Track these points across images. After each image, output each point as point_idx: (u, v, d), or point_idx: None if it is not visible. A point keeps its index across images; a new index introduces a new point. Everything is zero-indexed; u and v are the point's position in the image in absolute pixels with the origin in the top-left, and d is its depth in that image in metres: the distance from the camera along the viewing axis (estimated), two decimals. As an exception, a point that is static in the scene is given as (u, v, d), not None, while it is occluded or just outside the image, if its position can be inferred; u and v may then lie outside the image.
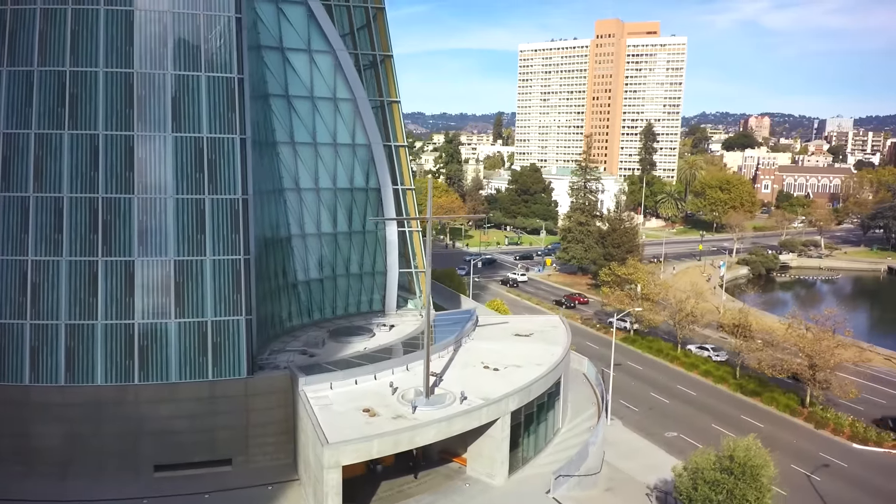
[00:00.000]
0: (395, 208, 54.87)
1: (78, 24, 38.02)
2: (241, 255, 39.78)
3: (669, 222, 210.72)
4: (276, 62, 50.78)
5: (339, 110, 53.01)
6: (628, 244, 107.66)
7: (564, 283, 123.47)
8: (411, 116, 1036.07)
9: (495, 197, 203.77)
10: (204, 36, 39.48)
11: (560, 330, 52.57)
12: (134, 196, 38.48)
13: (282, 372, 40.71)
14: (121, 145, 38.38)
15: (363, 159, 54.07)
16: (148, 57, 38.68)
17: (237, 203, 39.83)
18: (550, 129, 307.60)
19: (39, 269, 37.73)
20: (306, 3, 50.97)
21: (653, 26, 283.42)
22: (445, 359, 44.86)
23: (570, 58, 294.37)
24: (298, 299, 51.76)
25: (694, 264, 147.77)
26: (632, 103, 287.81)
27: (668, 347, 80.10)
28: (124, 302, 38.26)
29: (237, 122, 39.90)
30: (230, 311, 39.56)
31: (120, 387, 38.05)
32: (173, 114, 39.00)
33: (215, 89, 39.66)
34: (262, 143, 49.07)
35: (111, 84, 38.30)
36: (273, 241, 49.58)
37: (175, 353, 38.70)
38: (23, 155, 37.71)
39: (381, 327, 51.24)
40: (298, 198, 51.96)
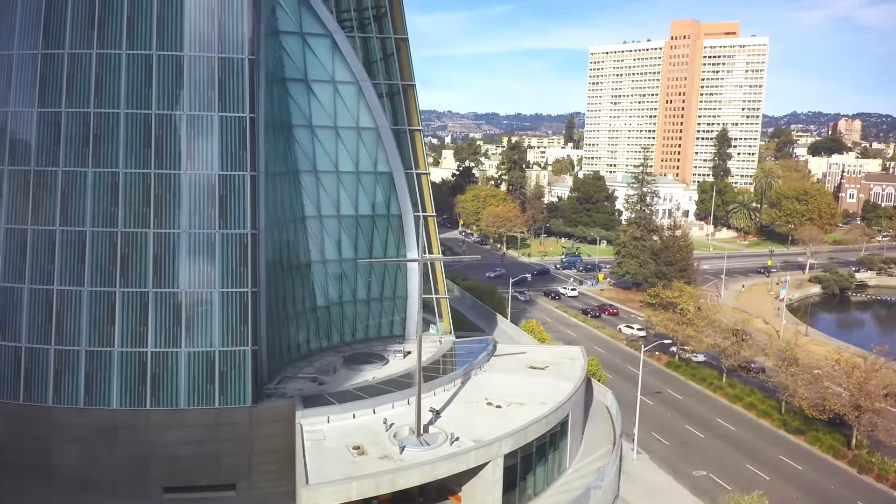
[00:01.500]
0: (415, 234, 55.31)
1: (102, 67, 40.44)
2: (249, 287, 41.25)
3: (742, 233, 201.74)
4: (301, 93, 52.22)
5: (362, 139, 53.96)
6: (682, 262, 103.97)
7: (616, 298, 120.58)
8: (485, 117, 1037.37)
9: (556, 205, 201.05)
10: (218, 77, 41.15)
11: (577, 364, 51.60)
12: (150, 231, 40.61)
13: (286, 401, 41.95)
14: (139, 183, 40.59)
15: (385, 186, 54.85)
16: (165, 98, 40.70)
17: (246, 238, 41.33)
18: (620, 133, 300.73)
19: (63, 298, 40.44)
20: (331, 36, 52.15)
21: (731, 26, 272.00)
22: (450, 392, 44.94)
23: (642, 60, 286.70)
24: (317, 324, 53.09)
25: (761, 281, 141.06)
26: (707, 107, 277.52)
27: (712, 376, 76.94)
28: (138, 331, 40.47)
29: (248, 159, 41.38)
30: (237, 341, 41.11)
31: (133, 411, 40.29)
32: (187, 152, 40.88)
33: (228, 128, 41.28)
34: (284, 172, 50.68)
35: (131, 124, 40.55)
36: (293, 267, 51.10)
37: (184, 380, 40.62)
38: (51, 191, 40.52)
39: (396, 354, 51.86)
40: (320, 224, 53.31)
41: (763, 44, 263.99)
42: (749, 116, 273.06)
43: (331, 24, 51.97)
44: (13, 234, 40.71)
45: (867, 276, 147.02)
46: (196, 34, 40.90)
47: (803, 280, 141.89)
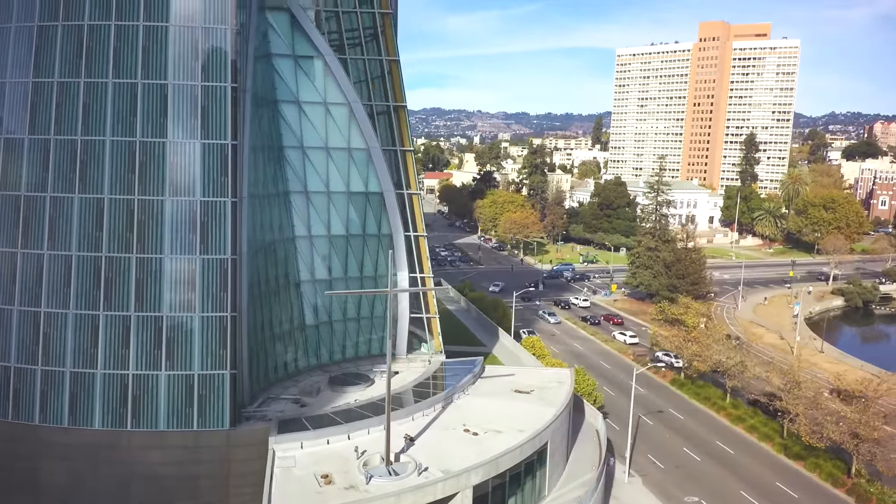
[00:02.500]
0: (406, 254, 55.59)
1: (89, 96, 41.48)
2: (229, 312, 41.94)
3: (767, 241, 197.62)
4: (293, 115, 52.84)
5: (353, 159, 54.39)
6: (694, 275, 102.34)
7: (628, 309, 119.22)
8: (515, 117, 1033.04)
9: (577, 210, 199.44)
10: (201, 105, 41.87)
11: (563, 388, 51.25)
12: (133, 256, 41.55)
13: (264, 424, 42.56)
14: (123, 208, 41.55)
15: (376, 206, 55.17)
16: (149, 126, 41.58)
17: (226, 263, 42.02)
18: (647, 136, 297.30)
19: (50, 320, 41.63)
20: (323, 58, 52.64)
21: (762, 28, 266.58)
22: (430, 417, 45.07)
23: (670, 62, 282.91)
24: (306, 342, 53.69)
25: (783, 293, 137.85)
26: (737, 110, 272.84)
27: (716, 395, 75.64)
28: (120, 353, 41.46)
29: (229, 185, 42.04)
30: (216, 365, 41.85)
31: (115, 432, 41.31)
32: (170, 179, 41.69)
33: (210, 155, 42.00)
34: (274, 194, 51.36)
35: (116, 152, 41.51)
36: (281, 287, 51.76)
37: (164, 403, 41.50)
38: (40, 216, 41.71)
39: (383, 375, 52.05)
40: (310, 244, 53.85)
41: (795, 46, 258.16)
42: (780, 120, 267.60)
43: (322, 47, 52.46)
44: (4, 256, 42.04)
45: (893, 288, 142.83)
46: (180, 63, 41.68)
47: (825, 292, 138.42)
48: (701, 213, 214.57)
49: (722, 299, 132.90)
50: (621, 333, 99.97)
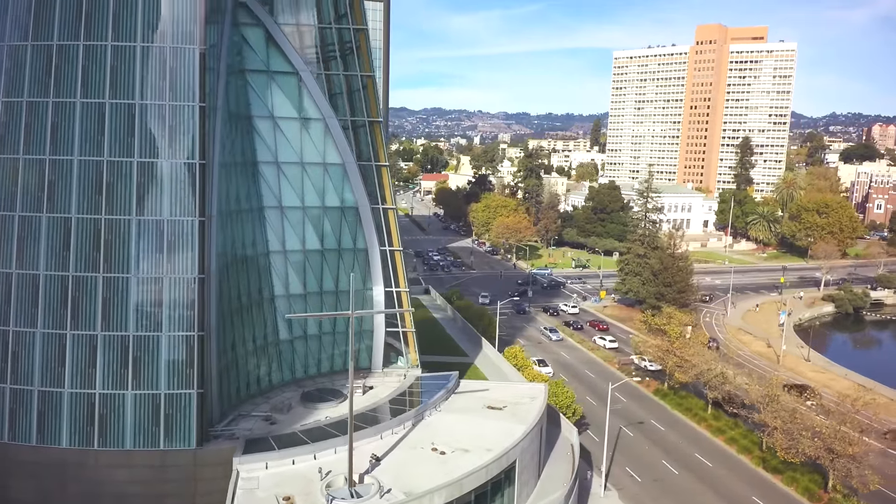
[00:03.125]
0: (382, 268, 55.64)
1: (58, 115, 41.59)
2: (196, 331, 42.03)
3: (761, 245, 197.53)
4: (268, 130, 52.91)
5: (329, 174, 54.45)
6: (680, 283, 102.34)
7: (617, 316, 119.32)
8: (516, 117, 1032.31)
9: (571, 214, 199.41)
10: (169, 124, 41.97)
11: (536, 403, 51.28)
12: (100, 275, 41.64)
13: (231, 443, 42.66)
14: (90, 228, 41.65)
15: (351, 221, 55.23)
16: (117, 146, 41.67)
17: (193, 282, 42.10)
18: (644, 138, 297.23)
19: (18, 339, 41.76)
20: (298, 74, 52.70)
21: (759, 31, 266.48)
22: (399, 435, 45.12)
23: (667, 65, 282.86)
24: (280, 357, 53.78)
25: (774, 299, 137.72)
26: (733, 113, 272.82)
27: (698, 406, 75.74)
28: (87, 372, 41.58)
29: (197, 204, 42.11)
30: (183, 384, 41.95)
31: (82, 450, 41.46)
32: (137, 198, 41.79)
33: (177, 175, 42.09)
34: (248, 209, 51.46)
35: (84, 171, 41.60)
36: (255, 302, 51.85)
37: (130, 422, 41.63)
38: (9, 235, 41.82)
39: (357, 390, 52.14)
40: (285, 259, 53.92)
41: (791, 49, 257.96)
42: (776, 123, 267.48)
43: (297, 62, 52.50)
44: (-29, 276, 42.16)
45: (885, 294, 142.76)
46: (148, 83, 41.77)
47: (816, 298, 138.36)
48: (695, 218, 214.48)
49: (712, 305, 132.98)
50: (601, 338, 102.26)
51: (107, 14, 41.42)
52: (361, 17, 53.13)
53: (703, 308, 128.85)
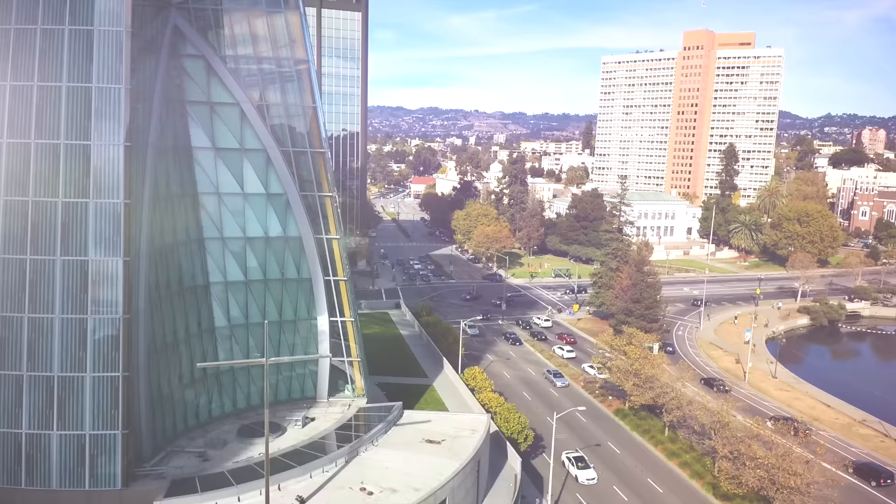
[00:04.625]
0: (326, 299, 55.60)
1: (-18, 155, 41.44)
2: (120, 372, 41.94)
3: (743, 254, 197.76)
4: (209, 161, 52.82)
5: (272, 205, 54.38)
6: (648, 300, 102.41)
7: (590, 329, 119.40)
8: (512, 117, 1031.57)
9: (554, 222, 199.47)
10: (94, 165, 41.84)
11: (475, 437, 51.28)
12: (24, 315, 41.53)
13: (157, 483, 42.61)
14: (15, 268, 41.53)
15: (295, 251, 55.14)
16: (42, 186, 41.53)
17: (118, 322, 42.00)
18: (632, 143, 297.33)
19: (-57, 378, 41.65)
20: (239, 105, 52.60)
21: (747, 37, 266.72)
22: (328, 474, 45.06)
23: (655, 70, 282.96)
24: (220, 388, 53.75)
25: (749, 311, 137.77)
26: (721, 119, 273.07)
27: (656, 428, 75.77)
28: (14, 413, 41.50)
29: (121, 244, 42.00)
30: (107, 425, 41.89)
31: (9, 489, 41.43)
32: (62, 239, 41.68)
33: (101, 214, 41.96)
34: (186, 241, 51.38)
35: (8, 211, 41.47)
36: (192, 334, 51.77)
37: (56, 462, 41.59)
38: (-68, 275, 41.68)
39: (296, 424, 52.17)
40: (225, 290, 53.85)
41: (779, 55, 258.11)
42: (763, 129, 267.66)
43: (238, 94, 52.39)
44: None
45: (861, 305, 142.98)
46: (73, 123, 41.62)
47: (792, 310, 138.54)
48: (679, 225, 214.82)
49: (686, 318, 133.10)
50: (559, 348, 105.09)
51: (33, 54, 41.23)
52: (304, 48, 52.90)
53: (677, 321, 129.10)
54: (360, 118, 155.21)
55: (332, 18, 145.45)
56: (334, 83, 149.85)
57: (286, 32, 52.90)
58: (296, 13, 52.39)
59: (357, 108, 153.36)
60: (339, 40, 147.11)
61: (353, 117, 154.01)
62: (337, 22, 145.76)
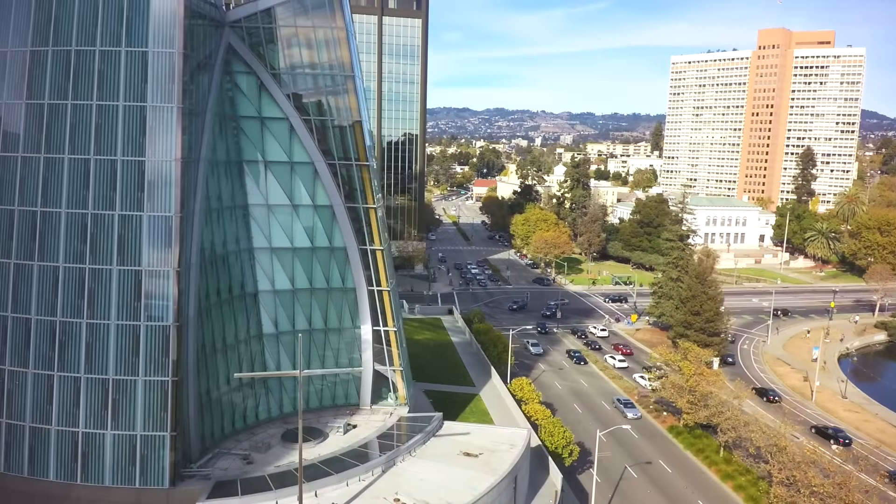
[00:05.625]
0: (370, 308, 56.62)
1: (48, 170, 44.37)
2: (170, 376, 44.03)
3: (819, 263, 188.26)
4: (259, 174, 54.72)
5: (318, 216, 55.81)
6: (709, 313, 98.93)
7: (647, 340, 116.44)
8: (580, 117, 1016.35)
9: (616, 227, 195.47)
10: (148, 180, 44.10)
11: (513, 452, 51.01)
12: (83, 321, 44.19)
13: (202, 484, 44.48)
14: (75, 276, 44.25)
15: (340, 261, 56.39)
16: (100, 200, 44.09)
17: (169, 329, 44.10)
18: (702, 145, 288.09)
19: (13, 378, 44.85)
20: (288, 120, 54.25)
21: (826, 35, 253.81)
22: (364, 483, 45.85)
23: (727, 70, 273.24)
24: (267, 394, 55.49)
25: (822, 325, 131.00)
26: (798, 121, 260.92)
27: (711, 447, 73.23)
28: (72, 412, 44.22)
29: (172, 255, 44.09)
30: (157, 427, 44.03)
31: (66, 484, 44.16)
32: (118, 249, 44.10)
33: (154, 226, 44.16)
34: (236, 251, 53.41)
35: (71, 223, 44.24)
36: (243, 340, 53.73)
37: (110, 460, 44.05)
38: (4, 280, 44.93)
39: (337, 431, 53.31)
40: (274, 298, 55.62)
41: (860, 55, 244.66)
42: (844, 131, 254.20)
43: (287, 109, 54.05)
44: (-27, 318, 45.55)
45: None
46: (129, 140, 43.97)
47: (869, 324, 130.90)
48: (750, 232, 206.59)
49: (754, 330, 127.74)
50: (611, 357, 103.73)
51: (92, 74, 43.84)
52: (350, 63, 54.01)
53: (743, 334, 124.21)
54: (419, 122, 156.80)
55: (393, 26, 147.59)
56: (395, 88, 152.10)
57: (334, 48, 54.13)
58: (343, 30, 53.56)
59: (417, 113, 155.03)
60: (399, 47, 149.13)
61: (413, 122, 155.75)
62: (397, 29, 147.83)
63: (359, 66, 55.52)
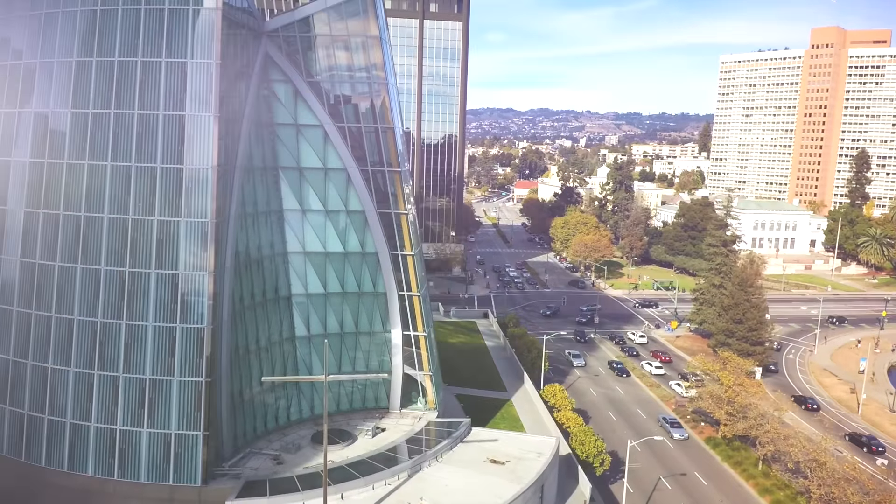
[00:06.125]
0: (400, 313, 57.14)
1: (92, 178, 46.17)
2: (204, 377, 45.31)
3: (872, 270, 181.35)
4: (294, 180, 55.84)
5: (351, 220, 56.61)
6: (752, 321, 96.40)
7: (687, 347, 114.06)
8: (626, 117, 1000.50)
9: (659, 231, 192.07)
10: (185, 187, 45.48)
11: (540, 461, 50.76)
12: (122, 322, 45.85)
13: (232, 483, 45.66)
14: (115, 279, 45.94)
15: (372, 266, 57.06)
16: (140, 206, 45.67)
17: (203, 332, 45.40)
18: (752, 147, 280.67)
19: (55, 375, 46.80)
20: (322, 127, 55.20)
21: (881, 34, 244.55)
22: (389, 488, 46.29)
23: (778, 70, 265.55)
24: (299, 395, 56.53)
25: (873, 334, 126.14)
26: (853, 122, 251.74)
27: (749, 460, 71.38)
28: (110, 410, 45.91)
29: (208, 259, 45.36)
30: (190, 426, 45.36)
31: (103, 479, 45.87)
32: (157, 253, 45.61)
33: (191, 232, 45.52)
34: (270, 256, 54.60)
35: (113, 228, 45.95)
36: (276, 342, 54.90)
37: (145, 457, 45.57)
38: (49, 283, 46.95)
39: (366, 434, 53.96)
40: (307, 301, 56.63)
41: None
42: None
43: (322, 116, 55.02)
44: (21, 316, 47.69)
45: None
46: (168, 148, 45.43)
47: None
48: (800, 237, 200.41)
49: (801, 339, 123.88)
50: (648, 363, 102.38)
51: (134, 84, 45.45)
52: (384, 71, 54.63)
53: (790, 343, 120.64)
54: (458, 125, 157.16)
55: (434, 29, 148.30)
56: (435, 91, 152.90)
57: (368, 56, 54.95)
58: (377, 38, 54.25)
59: (456, 116, 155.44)
60: (440, 50, 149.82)
61: (453, 125, 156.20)
62: (438, 32, 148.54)
63: (392, 73, 56.16)
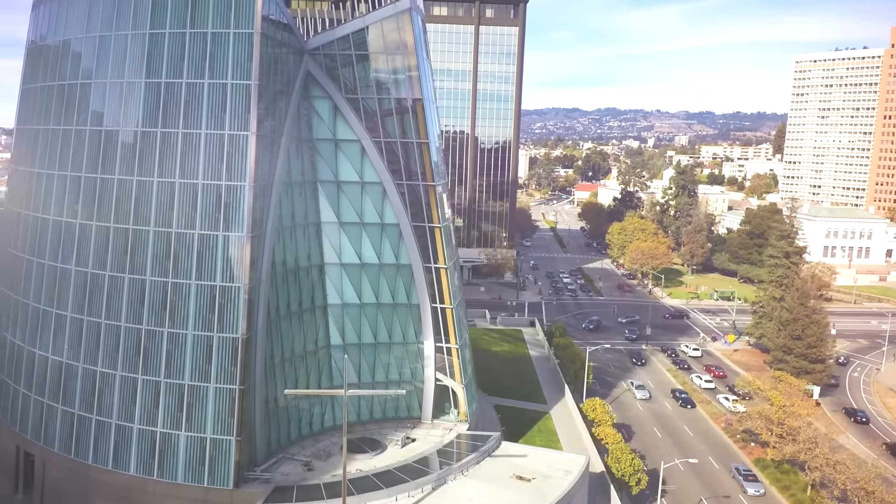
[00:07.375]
0: (433, 324, 57.86)
1: (140, 191, 48.91)
2: (238, 385, 47.27)
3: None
4: (332, 193, 57.41)
5: (386, 234, 57.74)
6: (811, 338, 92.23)
7: (744, 362, 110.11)
8: (698, 116, 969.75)
9: (723, 238, 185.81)
10: (224, 202, 47.57)
11: (567, 479, 50.36)
12: (164, 330, 48.37)
13: (263, 487, 47.43)
14: (159, 288, 48.50)
15: (406, 278, 57.99)
16: (183, 220, 48.05)
17: (238, 341, 47.36)
18: (828, 150, 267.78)
19: (104, 378, 49.80)
20: (360, 141, 56.52)
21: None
22: (412, 500, 46.89)
23: (856, 69, 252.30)
24: (333, 403, 58.01)
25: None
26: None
27: (798, 484, 68.59)
28: (152, 413, 48.51)
29: (244, 272, 47.30)
30: (225, 431, 47.39)
31: (144, 478, 48.50)
32: (197, 266, 47.88)
33: (228, 245, 47.58)
34: (307, 266, 56.38)
35: (157, 240, 48.53)
36: (311, 351, 56.60)
37: (182, 459, 47.90)
38: (100, 291, 49.99)
39: (395, 444, 54.89)
40: (342, 311, 58.11)
41: None
42: None
43: (360, 131, 56.34)
44: (74, 322, 51.00)
45: None
46: (209, 165, 47.62)
47: None
48: (876, 246, 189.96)
49: (868, 356, 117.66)
50: (697, 377, 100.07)
51: (178, 105, 47.87)
52: (419, 87, 55.47)
53: (856, 360, 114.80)
54: (513, 128, 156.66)
55: (490, 34, 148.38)
56: (489, 96, 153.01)
57: (405, 72, 55.91)
58: (414, 55, 55.13)
59: (510, 121, 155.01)
60: (495, 55, 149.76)
61: (507, 129, 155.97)
62: (494, 38, 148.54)
63: (430, 88, 56.96)
